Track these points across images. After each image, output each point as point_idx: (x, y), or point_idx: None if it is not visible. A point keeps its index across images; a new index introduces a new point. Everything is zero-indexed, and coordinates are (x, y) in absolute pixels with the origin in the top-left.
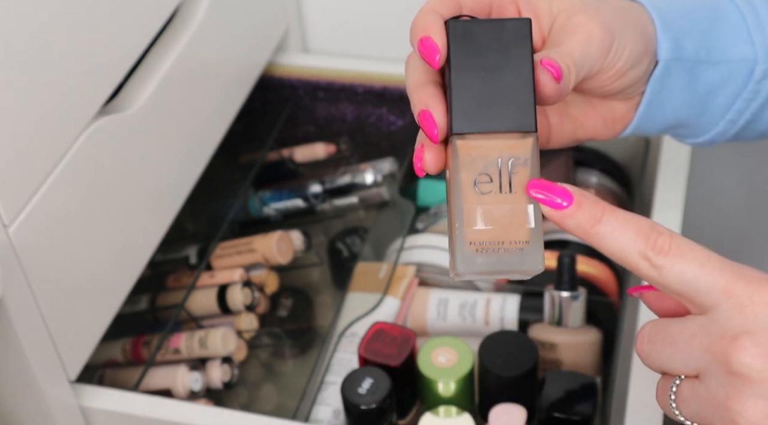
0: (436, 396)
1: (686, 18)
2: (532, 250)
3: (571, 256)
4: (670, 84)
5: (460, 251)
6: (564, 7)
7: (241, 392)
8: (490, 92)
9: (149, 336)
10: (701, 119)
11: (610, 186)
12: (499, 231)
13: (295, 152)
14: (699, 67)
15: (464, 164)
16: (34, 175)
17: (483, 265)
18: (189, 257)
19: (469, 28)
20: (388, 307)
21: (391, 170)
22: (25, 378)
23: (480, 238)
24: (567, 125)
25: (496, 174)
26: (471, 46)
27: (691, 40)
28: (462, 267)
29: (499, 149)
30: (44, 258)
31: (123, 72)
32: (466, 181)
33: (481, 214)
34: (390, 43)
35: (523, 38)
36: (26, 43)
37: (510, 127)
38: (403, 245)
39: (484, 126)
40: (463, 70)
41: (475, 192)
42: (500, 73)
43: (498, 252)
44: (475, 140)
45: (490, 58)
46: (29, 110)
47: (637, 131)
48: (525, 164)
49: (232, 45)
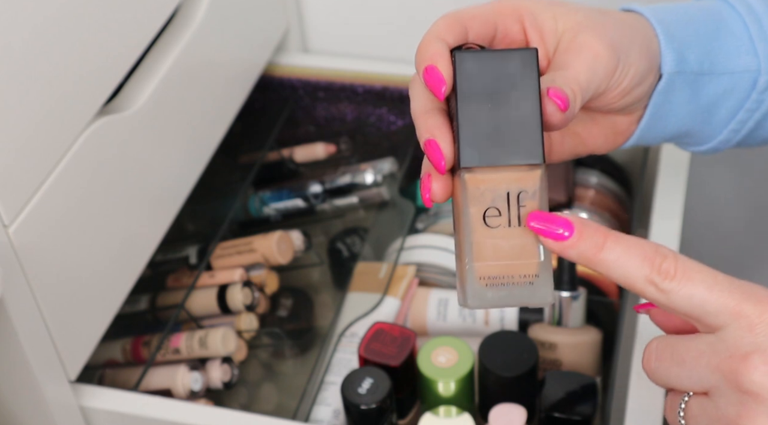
0: (436, 396)
1: (688, 28)
2: (542, 283)
3: None
4: (673, 97)
5: (471, 285)
6: (569, 25)
7: (241, 392)
8: (498, 124)
9: (149, 336)
10: (704, 129)
11: (610, 186)
12: (508, 265)
13: (295, 152)
14: (702, 78)
15: (473, 197)
16: (34, 175)
17: (493, 299)
18: (189, 257)
19: (476, 59)
20: (388, 307)
21: (391, 170)
22: (25, 378)
23: (490, 272)
24: (568, 140)
25: (505, 208)
26: (477, 77)
27: (694, 52)
28: (473, 302)
29: (507, 182)
30: (44, 258)
31: (123, 72)
32: (475, 215)
33: (491, 249)
34: (390, 43)
35: (530, 69)
36: (26, 43)
37: (518, 160)
38: (403, 245)
39: (493, 159)
40: (470, 102)
41: (484, 226)
42: (507, 104)
43: (508, 286)
44: (483, 173)
45: (496, 89)
46: (29, 110)
47: (638, 142)
48: (533, 197)
49: (232, 45)
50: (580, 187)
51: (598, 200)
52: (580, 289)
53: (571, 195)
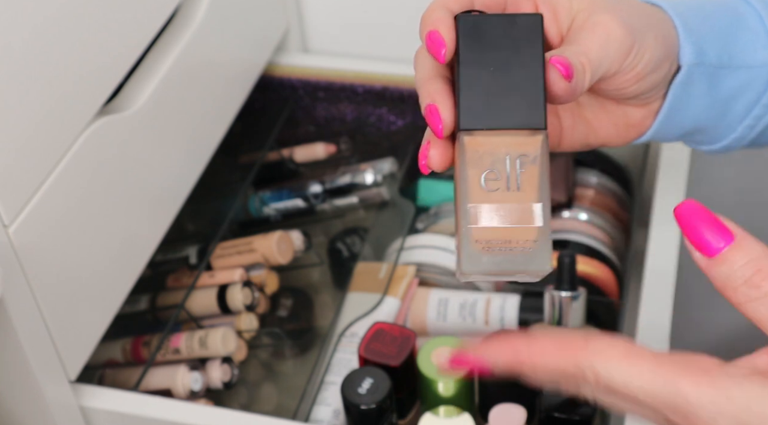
0: (436, 396)
1: (707, 22)
2: (540, 250)
3: (571, 256)
4: (692, 90)
5: (466, 249)
6: (585, 5)
7: (241, 392)
8: (499, 88)
9: (149, 336)
10: (719, 125)
11: (610, 186)
12: (505, 230)
13: (295, 152)
14: (720, 72)
15: (471, 160)
16: (34, 175)
17: (489, 264)
18: (189, 257)
19: (480, 23)
20: (388, 307)
21: (391, 170)
22: (25, 378)
23: (486, 236)
24: (579, 128)
25: (504, 172)
26: (481, 41)
27: (713, 45)
28: (467, 266)
29: (507, 145)
30: (44, 258)
31: (123, 72)
32: (473, 178)
33: (488, 212)
34: (390, 43)
35: (534, 34)
36: (26, 43)
37: (519, 123)
38: (403, 245)
39: (493, 122)
40: (472, 65)
41: (482, 190)
42: (510, 69)
43: (504, 251)
44: (483, 136)
45: (499, 53)
46: (29, 110)
47: (654, 137)
48: (534, 162)
49: (232, 45)
50: (580, 187)
51: (598, 200)
52: (580, 289)
53: (571, 195)
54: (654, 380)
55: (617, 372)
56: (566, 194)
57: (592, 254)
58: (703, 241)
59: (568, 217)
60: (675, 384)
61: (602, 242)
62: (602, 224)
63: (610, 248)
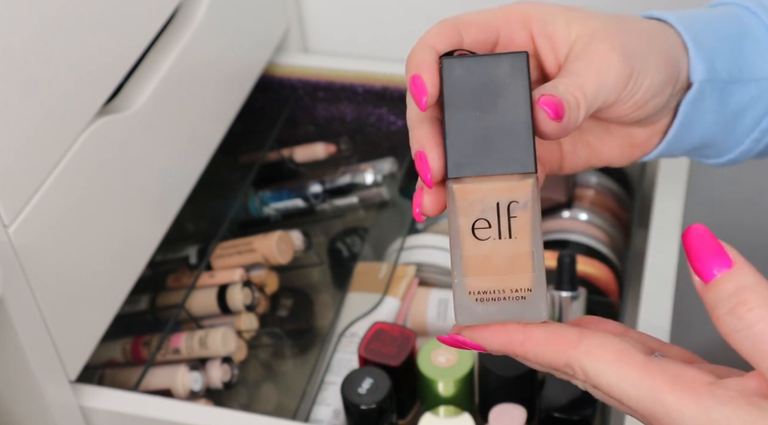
0: (436, 396)
1: (714, 35)
2: (535, 298)
3: (571, 256)
4: (703, 106)
5: (460, 300)
6: (584, 31)
7: (241, 392)
8: (486, 133)
9: (149, 336)
10: (726, 140)
11: (610, 186)
12: (499, 279)
13: (295, 152)
14: (730, 87)
15: (461, 209)
16: (34, 175)
17: (483, 314)
18: (189, 257)
19: (463, 65)
20: (388, 307)
21: (391, 170)
22: (25, 378)
23: (480, 287)
24: (581, 152)
25: (495, 219)
26: (465, 84)
27: (723, 60)
28: (462, 318)
29: (496, 192)
30: (44, 258)
31: (123, 72)
32: (463, 227)
33: (481, 262)
34: (390, 43)
35: (520, 73)
36: (26, 43)
37: (508, 169)
38: (403, 245)
39: (481, 169)
40: (458, 110)
41: (473, 239)
42: (496, 111)
43: (499, 301)
44: (472, 183)
45: (485, 96)
46: (29, 110)
47: (662, 155)
48: (525, 208)
49: (232, 45)
50: (580, 187)
51: (598, 200)
52: (580, 289)
53: (571, 195)
54: (639, 387)
55: (605, 374)
56: (566, 194)
57: (592, 254)
58: (701, 265)
59: (568, 217)
60: (659, 395)
61: (602, 242)
62: (602, 224)
63: (610, 248)
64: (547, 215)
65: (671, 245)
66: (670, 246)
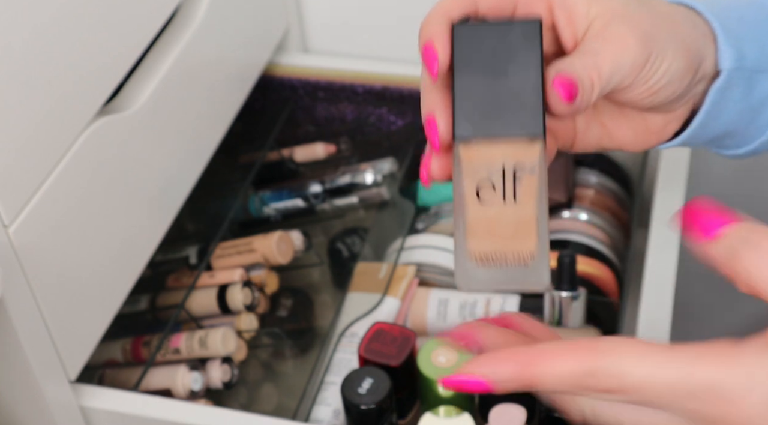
0: (436, 396)
1: (741, 24)
2: (538, 263)
3: (571, 256)
4: (729, 95)
5: (462, 264)
6: (603, 11)
7: (241, 392)
8: (496, 97)
9: (149, 336)
10: (749, 129)
11: (610, 186)
12: (502, 243)
13: (295, 152)
14: (757, 76)
15: (467, 171)
16: (34, 175)
17: (485, 279)
18: (189, 257)
19: (476, 32)
20: (388, 307)
21: (391, 170)
22: (25, 378)
23: (482, 250)
24: (594, 131)
25: (500, 183)
26: (477, 50)
27: (751, 48)
28: (462, 281)
29: (503, 155)
30: (44, 258)
31: (123, 72)
32: (468, 190)
33: (484, 226)
34: (390, 43)
35: (533, 40)
36: (26, 43)
37: (515, 131)
38: (403, 245)
39: (488, 131)
40: (468, 75)
41: (478, 202)
42: (507, 76)
43: (501, 266)
44: (479, 146)
45: (496, 61)
46: (29, 110)
47: (684, 143)
48: (532, 172)
49: (232, 45)
50: (580, 187)
51: (598, 200)
52: (580, 289)
53: (571, 195)
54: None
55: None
56: (566, 194)
57: (592, 254)
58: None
59: (568, 217)
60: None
61: (602, 242)
62: (602, 224)
63: (610, 248)
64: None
65: (671, 245)
66: (670, 246)
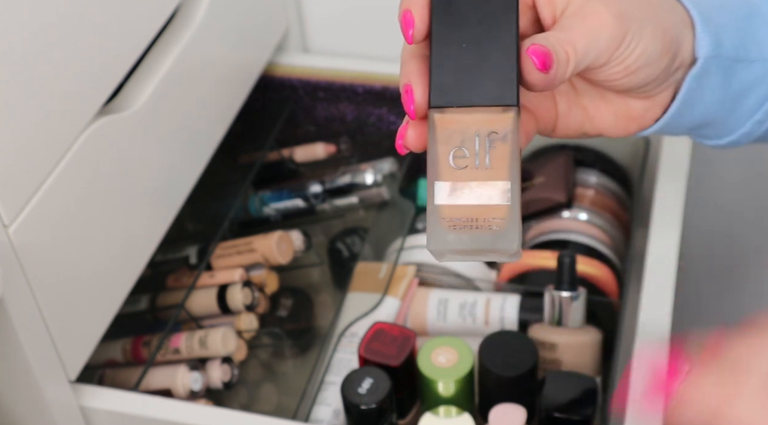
0: (436, 396)
1: (723, 12)
2: (508, 229)
3: (571, 256)
4: (706, 83)
5: (432, 227)
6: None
7: (241, 392)
8: (471, 65)
9: (149, 336)
10: (729, 119)
11: (610, 186)
12: (472, 208)
13: (295, 152)
14: (736, 65)
15: (441, 138)
16: (34, 175)
17: (455, 243)
18: (189, 257)
19: (454, 1)
20: (388, 307)
21: (391, 170)
22: (25, 378)
23: (453, 214)
24: (575, 115)
25: (473, 149)
26: (454, 18)
27: (731, 37)
28: (433, 244)
29: (477, 123)
30: (44, 258)
31: (123, 72)
32: (442, 155)
33: (455, 189)
34: (390, 43)
35: (509, 10)
36: (26, 43)
37: (489, 100)
38: (403, 245)
39: (463, 99)
40: (445, 43)
41: (451, 167)
42: (483, 46)
43: (471, 230)
44: (453, 113)
45: (473, 30)
46: (29, 110)
47: (662, 130)
48: (504, 140)
49: (232, 45)
50: (580, 187)
51: (598, 200)
52: (580, 289)
53: (571, 195)
54: None
55: None
56: (566, 194)
57: (592, 254)
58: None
59: (568, 217)
60: None
61: (602, 242)
62: (602, 224)
63: (610, 248)
64: (547, 215)
65: (671, 245)
66: (670, 246)
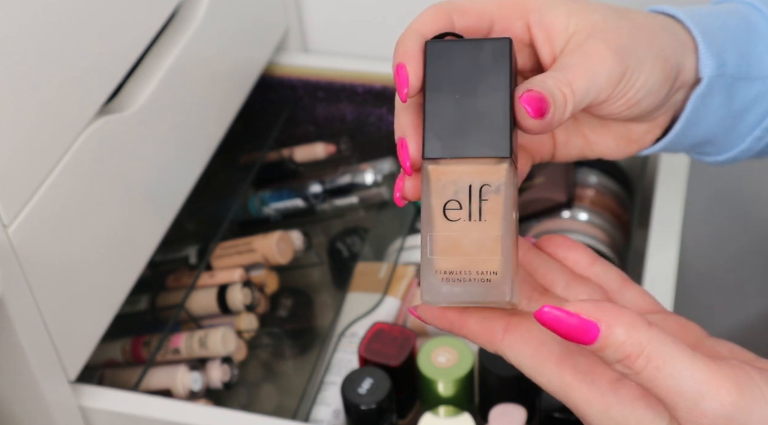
0: (436, 396)
1: (723, 31)
2: (500, 281)
3: None
4: (710, 102)
5: (427, 279)
6: (583, 25)
7: (241, 392)
8: (465, 116)
9: (149, 336)
10: (729, 136)
11: (610, 186)
12: (466, 260)
13: (295, 152)
14: (738, 83)
15: (435, 189)
16: (34, 175)
17: (449, 295)
18: (189, 257)
19: (447, 49)
20: (388, 307)
21: (391, 170)
22: (25, 378)
23: (447, 267)
24: (575, 142)
25: (466, 201)
26: (448, 68)
27: (732, 56)
28: (427, 296)
29: (470, 174)
30: (44, 258)
31: (123, 72)
32: (435, 207)
33: (450, 242)
34: (390, 43)
35: (502, 59)
36: (26, 42)
37: (482, 152)
38: (403, 245)
39: (456, 151)
40: (439, 92)
41: (444, 219)
42: (476, 96)
43: (464, 282)
44: (447, 165)
45: (467, 80)
46: (29, 110)
47: (663, 149)
48: (497, 192)
49: (232, 45)
50: (580, 187)
51: (598, 200)
52: None
53: (571, 195)
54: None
55: (525, 368)
56: (566, 194)
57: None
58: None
59: (568, 217)
60: (567, 389)
61: (602, 242)
62: (602, 224)
63: (610, 248)
64: (547, 215)
65: (671, 245)
66: (670, 246)
